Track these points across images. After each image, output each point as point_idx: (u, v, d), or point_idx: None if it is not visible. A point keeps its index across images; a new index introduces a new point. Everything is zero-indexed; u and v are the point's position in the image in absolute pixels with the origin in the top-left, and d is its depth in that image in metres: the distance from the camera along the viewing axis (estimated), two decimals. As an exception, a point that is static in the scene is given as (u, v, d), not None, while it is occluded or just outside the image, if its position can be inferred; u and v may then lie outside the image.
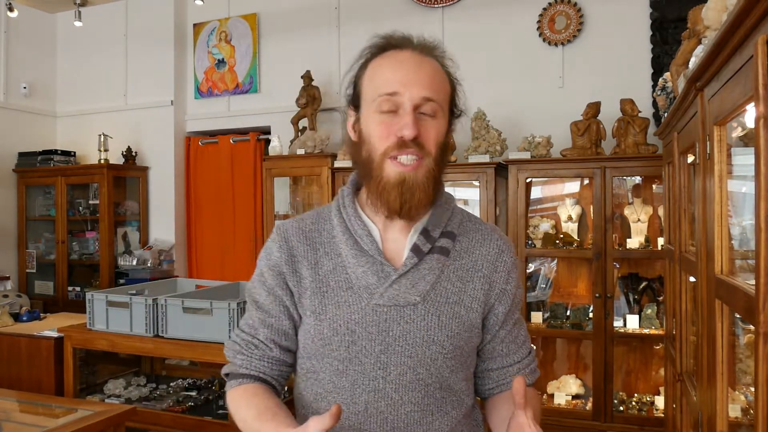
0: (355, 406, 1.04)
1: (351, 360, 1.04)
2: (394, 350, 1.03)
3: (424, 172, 1.02)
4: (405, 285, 1.05)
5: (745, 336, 1.39)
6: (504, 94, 3.88)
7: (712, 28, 1.48)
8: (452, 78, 1.10)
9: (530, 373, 1.18)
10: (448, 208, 1.14)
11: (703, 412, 1.54)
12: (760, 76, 0.88)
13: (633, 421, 3.30)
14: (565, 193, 3.74)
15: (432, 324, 1.05)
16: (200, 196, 4.95)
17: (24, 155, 5.03)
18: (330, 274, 1.08)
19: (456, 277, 1.09)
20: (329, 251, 1.10)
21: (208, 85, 4.91)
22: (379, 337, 1.04)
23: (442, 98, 1.05)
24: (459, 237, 1.13)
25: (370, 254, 1.07)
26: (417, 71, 1.02)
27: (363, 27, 4.35)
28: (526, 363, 1.18)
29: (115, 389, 3.26)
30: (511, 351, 1.17)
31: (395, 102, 1.01)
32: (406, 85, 1.01)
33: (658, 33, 3.60)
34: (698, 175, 1.58)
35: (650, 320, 3.39)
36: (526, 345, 1.20)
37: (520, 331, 1.19)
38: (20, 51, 5.09)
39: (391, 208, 1.03)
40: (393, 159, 1.01)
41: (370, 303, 1.05)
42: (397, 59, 1.04)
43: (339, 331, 1.05)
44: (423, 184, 1.02)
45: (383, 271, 1.06)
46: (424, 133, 1.01)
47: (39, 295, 5.00)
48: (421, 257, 1.07)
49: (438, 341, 1.05)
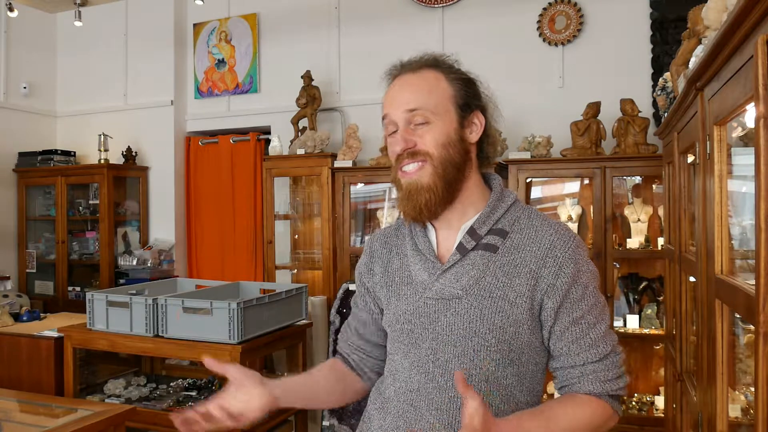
0: (411, 384, 1.15)
1: (412, 344, 1.17)
2: (443, 339, 1.13)
3: (428, 173, 1.14)
4: (449, 279, 1.14)
5: (745, 336, 1.39)
6: (504, 94, 3.83)
7: (712, 28, 1.48)
8: (457, 77, 1.19)
9: (597, 380, 1.12)
10: (502, 205, 1.19)
11: (703, 412, 1.54)
12: (760, 76, 0.88)
13: (633, 421, 3.30)
14: (565, 193, 3.74)
15: (474, 317, 1.11)
16: (200, 196, 4.95)
17: (24, 155, 5.03)
18: (397, 271, 1.24)
19: (502, 273, 1.13)
20: (399, 252, 1.26)
21: (208, 85, 4.91)
22: (430, 327, 1.15)
23: (434, 103, 1.15)
24: (511, 234, 1.16)
25: (424, 253, 1.20)
26: (400, 91, 1.17)
27: (363, 27, 4.35)
28: (592, 369, 1.12)
29: (115, 389, 3.26)
30: (572, 351, 1.13)
31: (390, 122, 1.17)
32: (391, 105, 1.17)
33: (658, 33, 3.60)
34: (698, 175, 1.58)
35: (650, 320, 3.39)
36: (598, 349, 1.13)
37: (588, 333, 1.13)
38: (20, 51, 5.09)
39: (407, 213, 1.18)
40: (401, 170, 1.16)
41: (423, 296, 1.17)
42: (391, 87, 1.20)
43: (400, 320, 1.19)
44: (428, 184, 1.14)
45: (433, 268, 1.17)
46: (419, 140, 1.14)
47: (39, 295, 5.00)
48: (464, 254, 1.15)
49: (480, 333, 1.10)
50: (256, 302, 2.83)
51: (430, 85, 1.16)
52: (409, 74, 1.18)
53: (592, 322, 1.13)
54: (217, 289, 3.22)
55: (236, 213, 4.78)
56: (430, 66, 1.19)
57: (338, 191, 4.02)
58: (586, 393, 1.12)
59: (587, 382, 1.12)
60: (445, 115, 1.15)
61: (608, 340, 1.15)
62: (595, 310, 1.14)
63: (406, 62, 1.21)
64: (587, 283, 1.14)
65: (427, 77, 1.17)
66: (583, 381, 1.13)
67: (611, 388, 1.13)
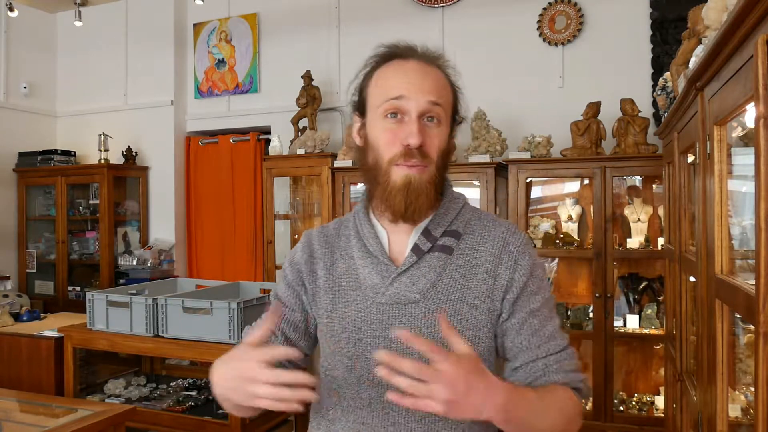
0: (361, 400, 1.08)
1: (358, 356, 1.08)
2: (397, 347, 1.04)
3: (428, 177, 1.07)
4: (405, 283, 1.08)
5: (745, 336, 1.39)
6: (504, 94, 3.88)
7: (712, 28, 1.48)
8: (454, 86, 1.13)
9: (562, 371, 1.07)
10: (455, 207, 1.15)
11: (703, 412, 1.54)
12: (760, 76, 0.88)
13: (633, 421, 3.30)
14: (565, 193, 3.74)
15: (433, 321, 1.06)
16: (200, 195, 4.95)
17: (24, 155, 5.03)
18: (343, 275, 1.15)
19: (459, 275, 1.09)
20: (344, 254, 1.17)
21: (208, 85, 4.91)
22: (382, 335, 1.07)
23: (446, 105, 1.09)
24: (465, 236, 1.13)
25: (375, 255, 1.12)
26: (422, 78, 1.06)
27: (363, 27, 4.35)
28: (555, 359, 1.07)
29: (115, 389, 3.26)
30: (533, 344, 1.08)
31: (401, 107, 1.05)
32: (412, 90, 1.05)
33: (658, 33, 3.60)
34: (698, 175, 1.58)
35: (650, 320, 3.39)
36: (557, 341, 1.09)
37: (546, 325, 1.09)
38: (20, 51, 5.09)
39: (396, 211, 1.08)
40: (398, 165, 1.06)
41: (375, 302, 1.09)
42: (403, 67, 1.08)
43: (347, 328, 1.10)
44: (426, 188, 1.07)
45: (386, 271, 1.10)
46: (428, 141, 1.06)
47: (39, 295, 5.01)
48: (420, 256, 1.10)
49: (440, 339, 1.03)
50: (256, 302, 2.83)
51: (445, 84, 1.10)
52: (424, 63, 1.09)
53: (548, 315, 1.11)
54: (217, 289, 3.22)
55: (236, 213, 4.78)
56: (440, 64, 1.11)
57: (338, 191, 4.02)
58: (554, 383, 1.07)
59: (552, 373, 1.07)
60: (448, 121, 1.10)
61: (563, 334, 1.13)
62: (549, 304, 1.13)
63: (415, 47, 1.11)
64: (542, 276, 1.14)
65: (441, 75, 1.10)
66: (548, 373, 1.07)
67: (575, 379, 1.08)
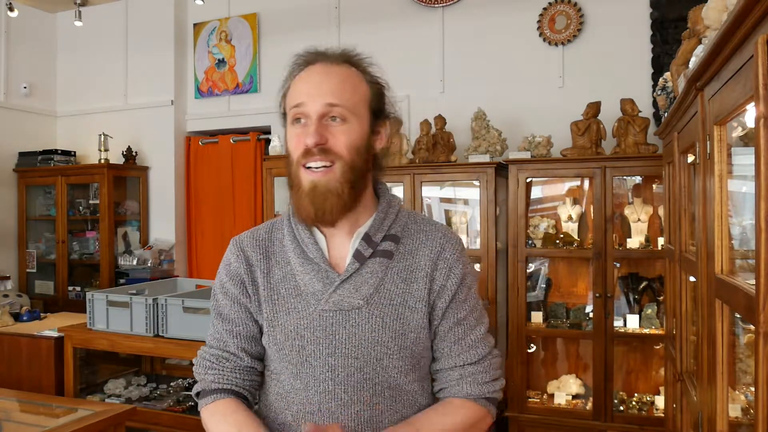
0: (310, 406, 1.09)
1: (302, 363, 1.09)
2: (341, 353, 1.07)
3: (337, 177, 1.06)
4: (348, 290, 1.09)
5: (745, 336, 1.39)
6: (504, 94, 3.88)
7: (713, 28, 1.48)
8: (374, 81, 1.13)
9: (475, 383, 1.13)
10: (392, 211, 1.16)
11: (703, 412, 1.54)
12: (760, 76, 0.88)
13: (633, 421, 3.30)
14: (565, 193, 3.74)
15: (376, 326, 1.08)
16: (200, 195, 4.95)
17: (24, 155, 5.03)
18: (281, 282, 1.14)
19: (400, 279, 1.11)
20: (280, 260, 1.16)
21: (208, 85, 4.91)
22: (326, 341, 1.08)
23: (354, 102, 1.08)
24: (403, 239, 1.15)
25: (315, 261, 1.12)
26: (321, 82, 1.07)
27: (363, 27, 4.35)
28: (470, 371, 1.13)
29: (115, 389, 3.26)
30: (453, 352, 1.14)
31: (303, 112, 1.07)
32: (310, 95, 1.06)
33: (658, 33, 3.60)
34: (698, 175, 1.58)
35: (650, 320, 3.39)
36: (477, 351, 1.15)
37: (469, 335, 1.14)
38: (20, 51, 5.09)
39: (307, 215, 1.08)
40: (305, 167, 1.06)
41: (317, 309, 1.09)
42: (307, 73, 1.10)
43: (290, 336, 1.10)
44: (336, 189, 1.06)
45: (328, 278, 1.10)
46: (332, 138, 1.05)
47: (39, 295, 5.00)
48: (362, 262, 1.10)
49: (383, 342, 1.08)
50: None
51: (353, 82, 1.09)
52: (329, 65, 1.09)
53: (473, 324, 1.16)
54: (217, 289, 3.21)
55: (236, 213, 4.78)
56: (351, 62, 1.12)
57: (338, 191, 4.02)
58: (464, 396, 1.13)
59: (465, 385, 1.13)
60: (361, 118, 1.09)
61: (486, 342, 1.17)
62: (476, 312, 1.17)
63: (324, 51, 1.12)
64: (471, 284, 1.17)
65: (350, 73, 1.10)
66: (462, 383, 1.14)
67: (488, 391, 1.15)
